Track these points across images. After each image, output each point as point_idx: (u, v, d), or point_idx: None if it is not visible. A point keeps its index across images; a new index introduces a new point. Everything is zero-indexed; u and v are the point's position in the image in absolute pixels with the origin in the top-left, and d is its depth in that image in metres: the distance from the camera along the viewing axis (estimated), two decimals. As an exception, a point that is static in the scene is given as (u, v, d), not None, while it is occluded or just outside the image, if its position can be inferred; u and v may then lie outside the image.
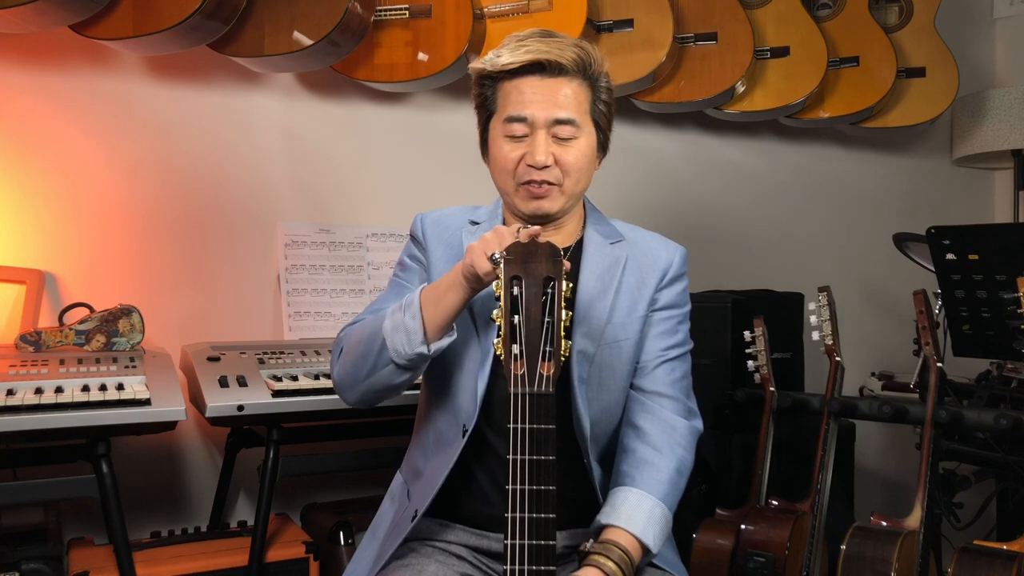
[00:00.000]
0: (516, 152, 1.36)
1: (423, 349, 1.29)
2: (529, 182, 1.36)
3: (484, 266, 1.22)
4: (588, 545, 1.28)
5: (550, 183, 1.36)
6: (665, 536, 1.33)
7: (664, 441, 1.38)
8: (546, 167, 1.35)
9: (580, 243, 1.46)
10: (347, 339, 1.42)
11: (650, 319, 1.45)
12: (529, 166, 1.35)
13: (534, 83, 1.35)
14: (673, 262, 1.48)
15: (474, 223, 1.47)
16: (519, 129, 1.35)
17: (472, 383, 1.38)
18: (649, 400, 1.42)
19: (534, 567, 1.08)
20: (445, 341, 1.31)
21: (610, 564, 1.23)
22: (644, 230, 1.52)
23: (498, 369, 1.34)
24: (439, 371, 1.42)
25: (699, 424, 1.46)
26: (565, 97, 1.35)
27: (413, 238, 1.51)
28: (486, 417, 1.38)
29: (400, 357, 1.30)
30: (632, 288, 1.44)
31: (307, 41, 2.15)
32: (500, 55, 1.36)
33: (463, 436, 1.36)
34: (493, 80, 1.38)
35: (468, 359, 1.39)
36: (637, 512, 1.30)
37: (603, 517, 1.31)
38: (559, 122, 1.35)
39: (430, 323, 1.29)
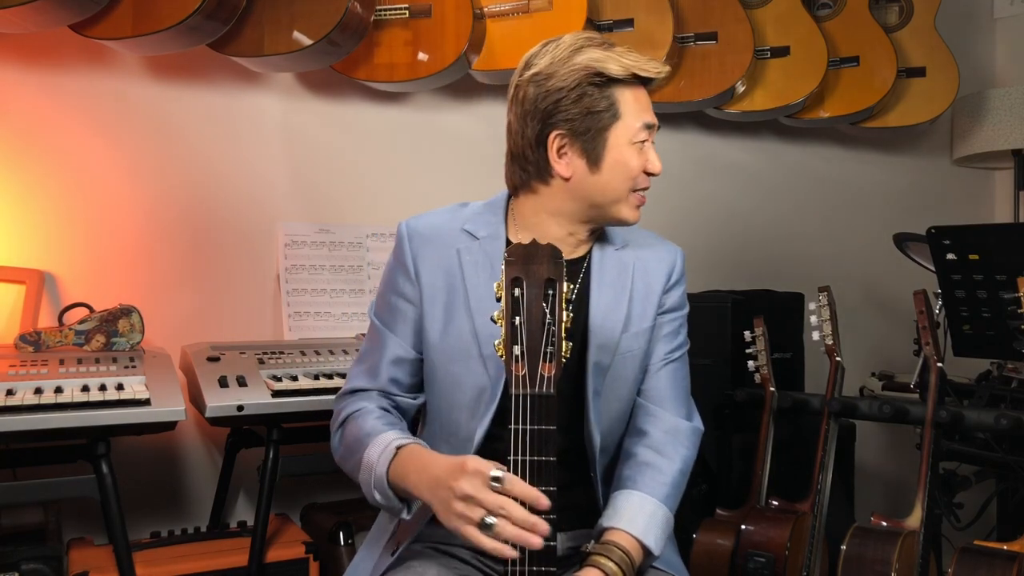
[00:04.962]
0: (640, 160, 1.35)
1: (404, 517, 1.27)
2: (641, 190, 1.37)
3: (478, 540, 1.06)
4: (589, 546, 1.28)
5: None
6: (667, 537, 1.33)
7: (668, 444, 1.38)
8: None
9: (589, 252, 1.43)
10: (345, 430, 1.35)
11: (656, 323, 1.44)
12: (648, 174, 1.36)
13: (642, 93, 1.36)
14: (676, 264, 1.47)
15: (471, 235, 1.39)
16: (646, 136, 1.35)
17: (473, 428, 1.34)
18: (652, 404, 1.42)
19: (535, 567, 1.08)
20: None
21: (611, 565, 1.23)
22: (640, 229, 1.49)
23: (504, 404, 1.33)
24: (442, 406, 1.39)
25: (700, 423, 1.46)
26: None
27: (402, 265, 1.40)
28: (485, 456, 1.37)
29: (380, 506, 1.29)
30: (641, 295, 1.42)
31: (307, 41, 2.15)
32: (636, 61, 1.32)
33: None
34: (605, 85, 1.30)
35: (471, 398, 1.35)
36: (639, 514, 1.30)
37: (605, 520, 1.31)
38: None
39: (405, 495, 1.24)
